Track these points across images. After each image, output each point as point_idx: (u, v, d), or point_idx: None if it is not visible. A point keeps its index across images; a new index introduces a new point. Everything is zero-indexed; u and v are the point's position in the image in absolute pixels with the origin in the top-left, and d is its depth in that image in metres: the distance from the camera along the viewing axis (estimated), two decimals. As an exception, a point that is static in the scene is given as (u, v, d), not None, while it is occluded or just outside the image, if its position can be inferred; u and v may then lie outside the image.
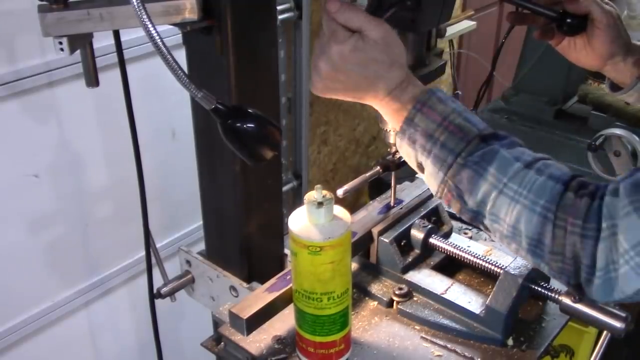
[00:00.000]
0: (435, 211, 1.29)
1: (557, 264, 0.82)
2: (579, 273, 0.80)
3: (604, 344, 1.27)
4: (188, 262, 1.35)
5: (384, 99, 0.91)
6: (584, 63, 1.17)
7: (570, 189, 0.81)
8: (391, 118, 0.93)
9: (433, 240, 1.22)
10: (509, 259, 1.16)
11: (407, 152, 0.92)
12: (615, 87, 1.18)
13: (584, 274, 0.80)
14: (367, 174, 1.18)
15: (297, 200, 2.26)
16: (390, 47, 0.89)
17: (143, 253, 1.32)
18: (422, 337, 1.10)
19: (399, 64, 0.90)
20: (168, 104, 1.77)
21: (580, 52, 1.15)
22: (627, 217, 0.75)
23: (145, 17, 0.81)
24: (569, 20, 1.11)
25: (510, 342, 1.08)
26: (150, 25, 0.81)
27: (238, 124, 0.90)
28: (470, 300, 1.12)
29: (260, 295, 1.05)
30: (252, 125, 0.91)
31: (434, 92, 0.90)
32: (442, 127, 0.87)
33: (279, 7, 1.90)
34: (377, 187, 1.48)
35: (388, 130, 1.13)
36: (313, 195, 0.94)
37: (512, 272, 1.07)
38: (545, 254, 0.82)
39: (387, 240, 1.18)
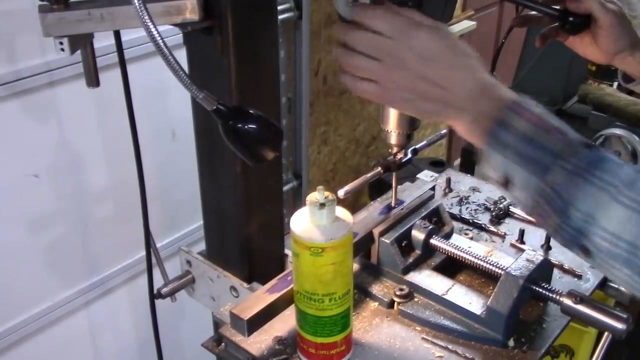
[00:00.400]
0: (436, 212, 1.29)
1: None
2: None
3: (605, 345, 1.27)
4: (188, 262, 1.35)
5: (476, 98, 0.80)
6: (592, 58, 1.17)
7: None
8: (478, 123, 0.81)
9: (434, 241, 1.22)
10: (510, 260, 1.16)
11: (494, 162, 0.80)
12: (627, 79, 1.18)
13: None
14: (369, 175, 1.18)
15: (297, 200, 2.26)
16: (459, 39, 0.81)
17: (143, 253, 1.32)
18: (423, 338, 1.09)
19: (476, 57, 0.81)
20: (168, 104, 1.77)
21: (587, 48, 1.15)
22: None
23: (146, 17, 0.81)
24: (571, 19, 1.11)
25: (511, 343, 1.08)
26: (151, 26, 0.81)
27: (239, 125, 0.90)
28: (471, 301, 1.11)
29: (261, 296, 1.05)
30: (254, 126, 0.91)
31: (526, 96, 0.80)
32: (539, 127, 0.76)
33: (279, 7, 1.90)
34: (378, 187, 1.48)
35: (389, 131, 1.13)
36: (315, 196, 0.94)
37: (513, 273, 1.07)
38: None
39: (388, 241, 1.18)
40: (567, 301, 1.05)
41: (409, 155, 1.17)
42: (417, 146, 1.20)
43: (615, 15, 1.10)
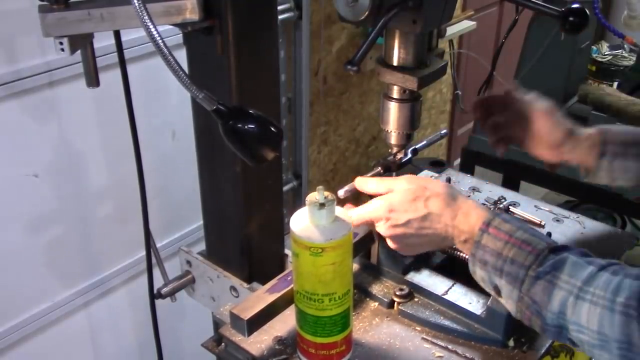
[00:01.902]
0: (436, 212, 1.28)
1: None
2: None
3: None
4: (188, 262, 1.35)
5: (453, 227, 0.96)
6: (541, 156, 1.20)
7: None
8: (463, 246, 0.97)
9: (434, 240, 1.21)
10: (510, 260, 1.16)
11: (481, 277, 0.94)
12: (587, 174, 1.18)
13: None
14: (368, 175, 1.17)
15: (297, 200, 2.26)
16: (420, 183, 1.00)
17: (143, 253, 1.32)
18: (423, 338, 1.09)
19: (446, 190, 0.98)
20: (168, 104, 1.77)
21: (536, 148, 1.18)
22: None
23: (146, 17, 0.81)
24: (571, 19, 1.11)
25: (511, 343, 1.08)
26: (151, 26, 0.81)
27: (239, 125, 0.90)
28: (471, 301, 1.11)
29: (261, 296, 1.05)
30: (253, 126, 0.91)
31: (497, 214, 0.94)
32: (509, 244, 0.89)
33: (279, 7, 1.90)
34: (378, 187, 1.48)
35: (389, 131, 1.13)
36: (315, 196, 0.94)
37: (513, 273, 1.07)
38: None
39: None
40: (567, 301, 1.05)
41: (409, 155, 1.17)
42: (417, 146, 1.20)
43: (544, 113, 1.14)
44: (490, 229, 0.92)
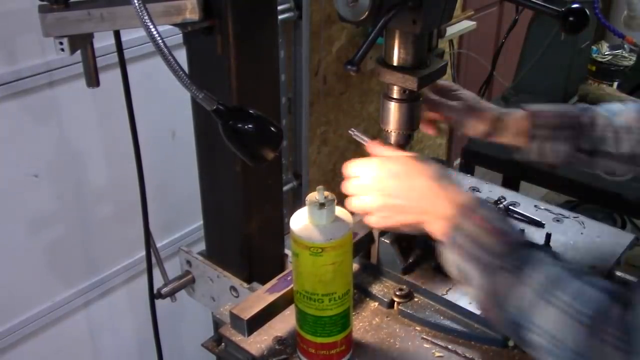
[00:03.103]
0: (436, 212, 1.28)
1: None
2: None
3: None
4: (188, 262, 1.35)
5: (432, 203, 0.95)
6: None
7: (614, 300, 0.77)
8: (438, 225, 0.94)
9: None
10: (510, 260, 1.16)
11: (449, 259, 0.93)
12: (517, 153, 1.19)
13: None
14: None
15: (297, 200, 2.26)
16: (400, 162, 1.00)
17: (143, 253, 1.32)
18: (422, 338, 1.10)
19: (431, 172, 0.96)
20: (168, 104, 1.76)
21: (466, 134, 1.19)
22: None
23: (146, 17, 0.81)
24: (571, 19, 1.11)
25: (511, 343, 1.08)
26: (151, 26, 0.81)
27: (239, 125, 0.90)
28: (471, 301, 1.11)
29: (261, 296, 1.05)
30: (253, 126, 0.91)
31: (476, 196, 0.93)
32: (484, 230, 0.88)
33: (279, 7, 1.90)
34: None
35: (389, 131, 1.13)
36: (315, 196, 0.94)
37: (513, 273, 1.07)
38: None
39: (388, 241, 1.18)
40: (567, 301, 1.05)
41: None
42: None
43: (463, 108, 1.16)
44: (469, 212, 0.91)
